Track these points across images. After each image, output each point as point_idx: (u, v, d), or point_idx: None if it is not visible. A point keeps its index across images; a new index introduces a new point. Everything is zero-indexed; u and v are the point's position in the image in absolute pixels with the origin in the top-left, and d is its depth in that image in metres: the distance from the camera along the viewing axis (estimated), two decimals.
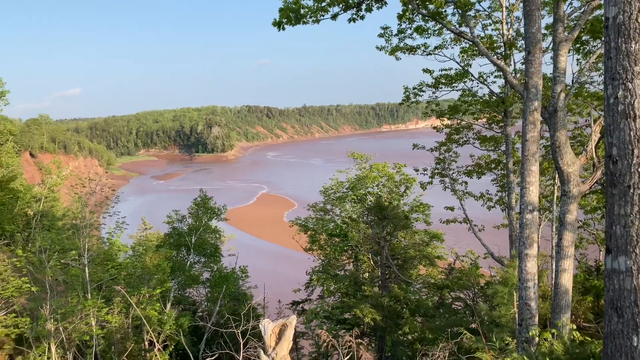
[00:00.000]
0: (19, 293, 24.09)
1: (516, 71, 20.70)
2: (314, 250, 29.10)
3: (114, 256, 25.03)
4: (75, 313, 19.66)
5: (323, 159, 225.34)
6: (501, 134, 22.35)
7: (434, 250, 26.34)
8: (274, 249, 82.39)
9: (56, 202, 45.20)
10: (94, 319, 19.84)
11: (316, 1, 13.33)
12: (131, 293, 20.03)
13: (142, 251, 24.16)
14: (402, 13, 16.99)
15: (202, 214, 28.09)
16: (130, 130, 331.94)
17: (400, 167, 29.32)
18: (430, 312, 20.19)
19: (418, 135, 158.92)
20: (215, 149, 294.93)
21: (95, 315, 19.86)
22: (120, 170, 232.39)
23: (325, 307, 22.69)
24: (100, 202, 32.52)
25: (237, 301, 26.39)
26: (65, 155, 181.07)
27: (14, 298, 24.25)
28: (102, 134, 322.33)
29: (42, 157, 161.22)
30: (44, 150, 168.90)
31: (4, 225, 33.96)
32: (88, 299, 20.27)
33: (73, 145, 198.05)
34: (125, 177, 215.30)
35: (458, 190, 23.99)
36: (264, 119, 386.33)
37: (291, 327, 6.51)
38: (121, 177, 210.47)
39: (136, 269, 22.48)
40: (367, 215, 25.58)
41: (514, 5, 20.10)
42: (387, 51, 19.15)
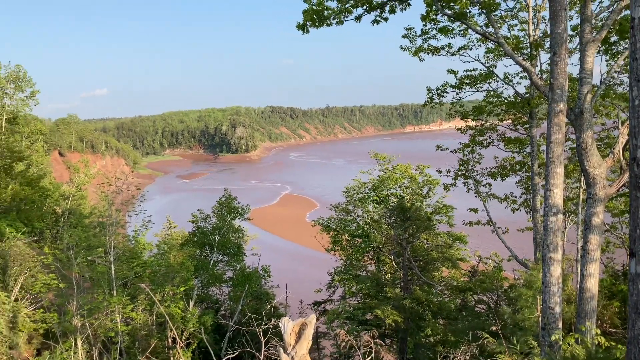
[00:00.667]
0: (47, 289, 24.68)
1: (542, 72, 20.41)
2: (336, 250, 29.12)
3: (139, 254, 25.47)
4: (100, 309, 20.05)
5: (345, 160, 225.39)
6: (526, 135, 22.06)
7: (456, 252, 26.12)
8: (296, 248, 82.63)
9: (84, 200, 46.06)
10: (119, 316, 20.19)
11: (340, 3, 13.37)
12: (155, 291, 20.32)
13: (166, 249, 24.50)
14: (425, 14, 16.93)
15: (225, 214, 28.38)
16: (156, 130, 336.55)
17: (423, 168, 29.16)
18: (452, 314, 20.04)
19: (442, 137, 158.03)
20: (239, 149, 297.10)
21: (120, 312, 20.21)
22: (146, 169, 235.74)
23: (346, 307, 22.69)
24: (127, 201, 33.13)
25: (259, 300, 26.56)
26: (92, 154, 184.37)
27: (42, 294, 24.85)
28: (129, 133, 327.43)
29: (70, 156, 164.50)
30: (72, 149, 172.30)
31: (33, 222, 34.77)
32: (113, 295, 20.64)
33: (100, 144, 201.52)
34: (151, 176, 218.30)
35: (482, 192, 23.76)
36: (287, 120, 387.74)
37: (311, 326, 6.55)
38: (147, 176, 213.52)
39: (161, 267, 22.81)
40: (389, 216, 25.51)
41: (540, 6, 19.83)
42: (411, 52, 19.08)
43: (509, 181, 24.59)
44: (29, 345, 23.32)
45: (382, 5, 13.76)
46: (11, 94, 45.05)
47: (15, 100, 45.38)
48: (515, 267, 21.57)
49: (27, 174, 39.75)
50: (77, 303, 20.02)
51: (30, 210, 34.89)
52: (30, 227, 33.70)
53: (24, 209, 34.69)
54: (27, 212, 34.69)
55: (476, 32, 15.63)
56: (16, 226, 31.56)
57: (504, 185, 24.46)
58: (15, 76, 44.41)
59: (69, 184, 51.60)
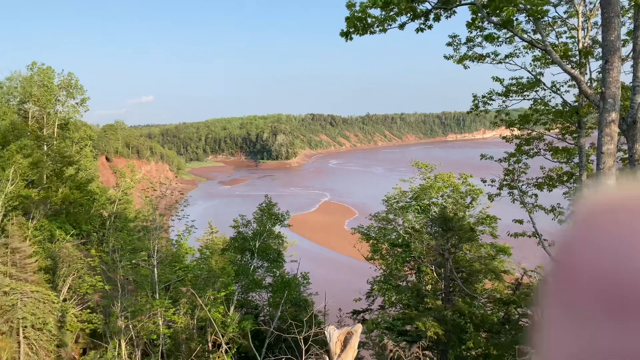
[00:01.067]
0: (93, 290, 25.45)
1: (592, 80, 19.79)
2: (376, 259, 28.92)
3: (182, 258, 25.94)
4: (143, 312, 20.46)
5: (384, 168, 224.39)
6: (574, 145, 21.41)
7: (500, 264, 25.53)
8: (335, 256, 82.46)
9: (129, 205, 47.34)
10: (161, 319, 20.54)
11: (384, 11, 13.32)
12: (197, 295, 20.63)
13: (208, 254, 24.86)
14: (470, 21, 16.69)
15: (266, 220, 28.62)
16: (199, 136, 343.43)
17: (466, 177, 28.68)
18: (495, 327, 19.59)
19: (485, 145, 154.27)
20: (279, 156, 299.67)
21: (163, 315, 20.56)
22: (189, 175, 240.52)
23: (386, 317, 22.47)
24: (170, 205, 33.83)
25: (298, 307, 26.61)
26: (138, 159, 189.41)
27: (88, 295, 25.64)
28: (173, 139, 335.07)
29: (116, 161, 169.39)
30: (119, 154, 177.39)
31: (81, 225, 35.94)
32: (156, 298, 21.02)
33: (145, 150, 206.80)
34: (194, 181, 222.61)
35: (527, 203, 23.14)
36: (328, 127, 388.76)
37: (357, 336, 6.50)
38: (190, 182, 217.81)
39: (202, 272, 23.14)
40: (431, 226, 25.18)
41: (591, 12, 19.27)
42: (455, 60, 18.82)
43: (556, 192, 23.88)
44: (75, 345, 24.01)
45: (426, 13, 13.64)
46: (63, 101, 46.81)
47: (66, 107, 47.14)
48: None
49: (77, 178, 41.13)
50: (121, 305, 20.51)
51: (78, 213, 36.07)
52: (78, 230, 34.83)
53: (73, 212, 35.89)
54: (75, 215, 35.87)
55: (523, 39, 15.30)
56: (65, 228, 32.69)
57: (551, 196, 23.76)
58: (67, 83, 46.13)
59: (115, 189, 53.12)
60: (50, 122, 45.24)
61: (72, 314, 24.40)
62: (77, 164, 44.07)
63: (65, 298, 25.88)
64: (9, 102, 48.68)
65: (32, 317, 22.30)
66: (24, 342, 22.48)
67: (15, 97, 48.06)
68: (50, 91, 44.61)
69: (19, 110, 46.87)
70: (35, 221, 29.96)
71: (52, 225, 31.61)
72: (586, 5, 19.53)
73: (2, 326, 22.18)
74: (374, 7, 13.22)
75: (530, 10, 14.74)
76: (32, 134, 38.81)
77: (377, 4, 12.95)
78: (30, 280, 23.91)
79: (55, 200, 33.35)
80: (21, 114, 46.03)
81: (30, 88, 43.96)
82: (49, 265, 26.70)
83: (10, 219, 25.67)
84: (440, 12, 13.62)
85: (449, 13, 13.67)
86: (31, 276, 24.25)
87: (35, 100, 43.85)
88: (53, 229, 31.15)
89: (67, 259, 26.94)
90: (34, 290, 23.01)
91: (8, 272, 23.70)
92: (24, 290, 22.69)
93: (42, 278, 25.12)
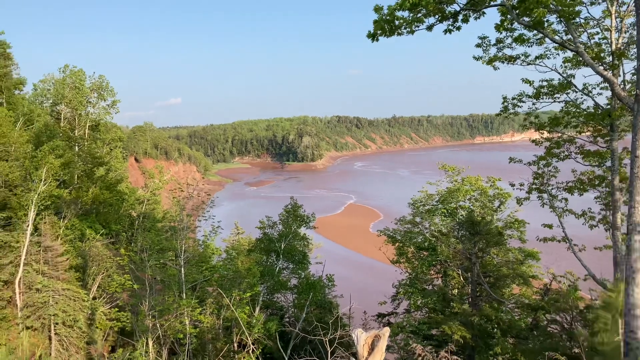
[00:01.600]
0: (122, 289, 25.90)
1: (626, 82, 19.32)
2: (401, 262, 28.73)
3: (208, 258, 26.20)
4: (171, 311, 20.70)
5: (409, 170, 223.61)
6: (607, 148, 20.91)
7: (528, 269, 25.12)
8: (360, 258, 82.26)
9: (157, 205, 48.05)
10: (188, 318, 20.76)
11: (411, 12, 13.24)
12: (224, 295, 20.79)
13: (234, 255, 25.06)
14: (500, 23, 16.47)
15: (292, 221, 28.70)
16: (226, 138, 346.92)
17: (494, 180, 28.29)
18: (523, 333, 19.27)
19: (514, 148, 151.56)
20: (305, 158, 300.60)
21: (189, 315, 20.78)
22: (216, 176, 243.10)
23: (411, 321, 22.31)
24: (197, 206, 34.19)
25: (323, 309, 26.61)
26: (166, 160, 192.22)
27: (117, 293, 26.10)
28: (201, 141, 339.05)
29: (145, 161, 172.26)
30: (147, 155, 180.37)
31: (110, 224, 36.62)
32: (183, 298, 21.26)
33: (174, 151, 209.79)
34: (221, 183, 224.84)
35: (557, 207, 22.71)
36: (353, 129, 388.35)
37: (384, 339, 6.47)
38: (217, 183, 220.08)
39: (229, 272, 23.32)
40: (457, 229, 24.92)
41: (625, 12, 18.83)
42: (485, 61, 18.61)
43: (587, 196, 23.37)
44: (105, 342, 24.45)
45: (455, 15, 13.52)
46: (94, 103, 47.80)
47: (97, 109, 48.11)
48: (592, 286, 20.45)
49: (107, 178, 41.91)
50: (149, 304, 20.80)
51: (108, 213, 36.75)
52: (107, 229, 35.51)
53: (103, 211, 36.59)
54: (105, 214, 36.57)
55: (554, 41, 15.05)
56: (95, 228, 33.37)
57: (581, 200, 23.26)
58: (98, 86, 47.08)
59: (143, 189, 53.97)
60: (82, 124, 46.23)
61: (101, 311, 24.87)
62: (107, 165, 44.92)
63: (94, 296, 26.40)
64: (42, 104, 49.94)
65: (63, 314, 22.81)
66: (55, 339, 23.00)
67: (48, 99, 49.25)
68: (82, 93, 45.58)
69: (51, 112, 48.03)
70: (66, 220, 30.65)
71: (82, 224, 32.30)
72: (620, 6, 19.10)
73: (35, 322, 22.74)
74: (402, 10, 13.15)
75: (561, 11, 14.49)
76: (64, 135, 39.69)
77: (405, 6, 12.89)
78: (61, 278, 24.47)
79: (86, 200, 34.05)
80: (54, 116, 47.15)
81: (62, 90, 44.99)
82: (80, 263, 27.28)
83: (42, 218, 26.30)
84: (469, 13, 13.48)
85: (477, 14, 13.53)
86: (62, 274, 24.81)
87: (67, 102, 44.85)
88: (83, 228, 31.83)
89: (97, 258, 27.49)
90: (65, 288, 23.53)
91: (41, 269, 24.29)
92: (56, 288, 23.23)
93: (72, 276, 25.68)
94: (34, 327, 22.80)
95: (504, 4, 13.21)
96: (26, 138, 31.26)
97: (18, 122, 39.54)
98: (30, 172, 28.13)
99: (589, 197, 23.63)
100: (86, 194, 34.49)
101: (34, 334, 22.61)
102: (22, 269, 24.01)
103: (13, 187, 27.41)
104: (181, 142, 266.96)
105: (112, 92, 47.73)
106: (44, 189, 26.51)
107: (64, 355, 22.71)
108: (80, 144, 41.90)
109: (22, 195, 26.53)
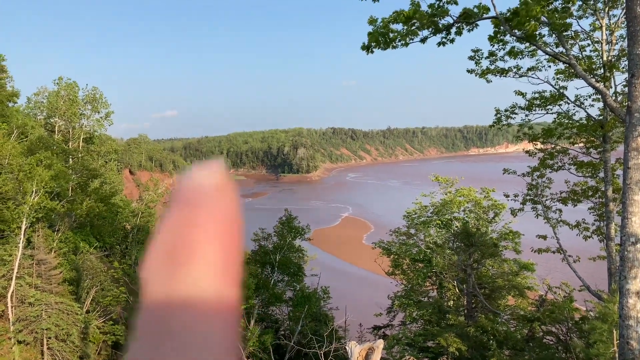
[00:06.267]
0: (116, 302, 25.71)
1: (617, 94, 19.53)
2: (396, 274, 28.69)
3: None
4: None
5: (400, 181, 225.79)
6: (599, 159, 21.08)
7: (523, 280, 25.13)
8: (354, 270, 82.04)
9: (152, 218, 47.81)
10: None
11: (405, 25, 13.36)
12: None
13: None
14: (493, 35, 16.64)
15: (286, 233, 28.66)
16: (221, 150, 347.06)
17: (488, 192, 28.37)
18: (519, 345, 19.22)
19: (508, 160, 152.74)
20: (300, 170, 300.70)
21: None
22: None
23: (407, 333, 22.23)
24: None
25: (318, 322, 26.50)
26: (160, 173, 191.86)
27: (111, 307, 25.90)
28: (195, 153, 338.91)
29: (140, 174, 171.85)
30: (142, 168, 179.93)
31: (105, 237, 36.39)
32: None
33: (168, 163, 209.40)
34: None
35: (551, 218, 22.80)
36: (348, 141, 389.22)
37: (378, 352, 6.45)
38: None
39: None
40: (452, 241, 24.94)
41: (615, 25, 19.07)
42: (478, 74, 18.77)
43: (581, 207, 23.49)
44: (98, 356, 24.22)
45: (448, 27, 13.65)
46: (88, 115, 47.72)
47: (91, 121, 48.03)
48: (587, 297, 20.48)
49: (101, 191, 41.73)
50: None
51: (102, 225, 36.52)
52: (101, 242, 35.27)
53: (97, 224, 36.34)
54: (99, 227, 36.34)
55: (546, 53, 15.20)
56: (89, 241, 33.16)
57: (575, 211, 23.38)
58: (92, 98, 47.05)
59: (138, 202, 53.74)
60: (76, 136, 46.11)
61: (95, 325, 24.66)
62: (101, 177, 44.76)
63: (88, 309, 26.18)
64: (36, 117, 49.84)
65: (56, 328, 22.59)
66: (48, 353, 22.76)
67: (42, 111, 49.17)
68: (76, 105, 45.52)
69: (45, 124, 47.91)
70: (60, 233, 30.46)
71: (76, 237, 32.09)
72: (610, 18, 19.35)
73: (27, 336, 22.50)
74: (396, 23, 13.27)
75: (553, 24, 14.66)
76: (57, 148, 39.57)
77: (400, 19, 13.00)
78: (54, 291, 24.27)
79: (80, 212, 33.86)
80: (48, 128, 47.04)
81: (56, 102, 44.94)
82: (73, 277, 27.07)
83: (36, 231, 26.13)
84: (462, 26, 13.61)
85: (471, 27, 13.66)
86: (56, 287, 24.61)
87: (61, 114, 44.78)
88: (77, 241, 31.62)
89: (91, 271, 27.30)
90: (59, 301, 23.33)
91: (33, 283, 24.09)
92: (49, 302, 23.03)
93: (66, 289, 25.48)
94: (27, 342, 22.56)
95: (497, 17, 13.35)
96: (19, 150, 31.14)
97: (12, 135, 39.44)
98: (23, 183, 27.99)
99: (582, 208, 23.75)
100: (80, 207, 34.29)
101: (27, 348, 22.37)
102: (15, 282, 23.80)
103: (6, 200, 27.25)
104: (176, 155, 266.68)
105: (106, 104, 47.70)
106: (36, 200, 26.37)
107: None
108: (74, 156, 41.76)
109: (15, 208, 26.38)
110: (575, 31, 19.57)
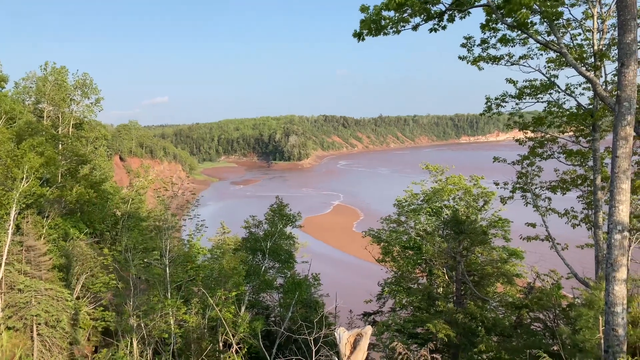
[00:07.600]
0: (106, 288, 25.68)
1: (607, 83, 19.59)
2: (387, 261, 28.83)
3: (194, 258, 26.07)
4: (155, 311, 20.57)
5: (389, 169, 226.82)
6: (589, 148, 21.21)
7: (512, 267, 25.36)
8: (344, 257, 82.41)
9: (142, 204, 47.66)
10: (173, 318, 20.65)
11: (397, 12, 13.28)
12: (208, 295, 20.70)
13: (219, 254, 24.94)
14: (485, 23, 16.59)
15: (277, 220, 28.66)
16: (212, 137, 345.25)
17: (477, 179, 28.48)
18: (507, 331, 19.44)
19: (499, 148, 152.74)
20: (291, 157, 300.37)
21: (174, 314, 20.67)
22: (201, 175, 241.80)
23: (397, 320, 22.40)
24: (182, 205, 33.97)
25: (308, 308, 26.62)
26: (151, 159, 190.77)
27: (101, 293, 25.87)
28: (186, 140, 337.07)
29: (130, 160, 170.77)
30: (132, 154, 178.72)
31: (95, 224, 36.22)
32: (168, 298, 21.13)
33: (159, 150, 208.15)
34: (206, 182, 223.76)
35: (541, 206, 22.96)
36: (340, 129, 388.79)
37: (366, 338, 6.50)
38: (202, 182, 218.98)
39: (213, 271, 23.22)
40: (442, 228, 25.08)
41: (606, 14, 19.08)
42: (469, 61, 18.72)
43: (570, 195, 23.66)
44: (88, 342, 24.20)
45: (440, 14, 13.59)
46: (78, 101, 47.29)
47: (81, 107, 47.62)
48: (574, 285, 20.71)
49: (91, 177, 41.47)
50: (133, 303, 20.65)
51: (92, 212, 36.35)
52: (91, 229, 35.12)
53: (87, 210, 36.16)
54: (89, 213, 36.15)
55: (537, 41, 15.20)
56: (79, 227, 32.99)
57: (564, 199, 23.55)
58: (82, 83, 46.58)
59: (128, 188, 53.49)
60: (65, 122, 45.70)
61: (85, 311, 24.62)
62: (91, 163, 44.46)
63: (78, 296, 26.12)
64: (24, 102, 49.30)
65: (46, 315, 22.54)
66: (38, 339, 22.73)
67: (31, 96, 48.65)
68: (65, 90, 45.06)
69: (34, 110, 47.42)
70: (49, 219, 30.27)
71: (66, 223, 31.92)
72: (602, 7, 19.35)
73: (16, 323, 22.44)
74: (388, 9, 13.19)
75: (544, 12, 14.64)
76: (46, 133, 39.20)
77: (391, 5, 12.93)
78: (44, 278, 24.18)
79: (70, 199, 33.64)
80: (36, 114, 46.57)
81: (44, 88, 44.46)
82: (63, 263, 26.96)
83: (25, 217, 25.96)
84: (455, 13, 13.56)
85: (463, 14, 13.61)
86: (45, 274, 24.51)
87: (49, 100, 44.32)
88: (67, 228, 31.46)
89: (81, 257, 27.18)
90: (48, 287, 23.26)
91: (23, 269, 23.98)
92: (38, 288, 22.95)
93: (56, 276, 25.38)
94: (16, 328, 22.50)
95: (489, 4, 13.31)
96: (7, 136, 30.81)
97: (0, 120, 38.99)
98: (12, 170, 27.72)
99: (571, 197, 23.93)
100: (70, 193, 34.06)
101: (16, 334, 22.31)
102: (4, 268, 23.67)
103: None
104: (167, 141, 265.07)
105: (96, 90, 47.28)
106: (26, 187, 26.15)
107: (46, 355, 22.46)
108: (63, 142, 41.40)
109: (3, 194, 26.14)
110: (567, 19, 19.56)
